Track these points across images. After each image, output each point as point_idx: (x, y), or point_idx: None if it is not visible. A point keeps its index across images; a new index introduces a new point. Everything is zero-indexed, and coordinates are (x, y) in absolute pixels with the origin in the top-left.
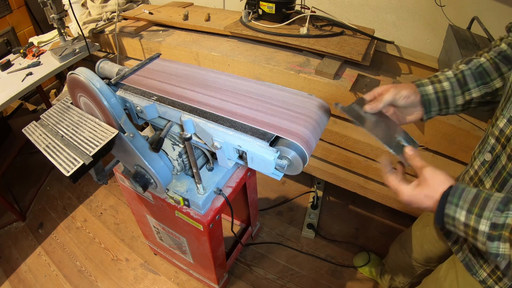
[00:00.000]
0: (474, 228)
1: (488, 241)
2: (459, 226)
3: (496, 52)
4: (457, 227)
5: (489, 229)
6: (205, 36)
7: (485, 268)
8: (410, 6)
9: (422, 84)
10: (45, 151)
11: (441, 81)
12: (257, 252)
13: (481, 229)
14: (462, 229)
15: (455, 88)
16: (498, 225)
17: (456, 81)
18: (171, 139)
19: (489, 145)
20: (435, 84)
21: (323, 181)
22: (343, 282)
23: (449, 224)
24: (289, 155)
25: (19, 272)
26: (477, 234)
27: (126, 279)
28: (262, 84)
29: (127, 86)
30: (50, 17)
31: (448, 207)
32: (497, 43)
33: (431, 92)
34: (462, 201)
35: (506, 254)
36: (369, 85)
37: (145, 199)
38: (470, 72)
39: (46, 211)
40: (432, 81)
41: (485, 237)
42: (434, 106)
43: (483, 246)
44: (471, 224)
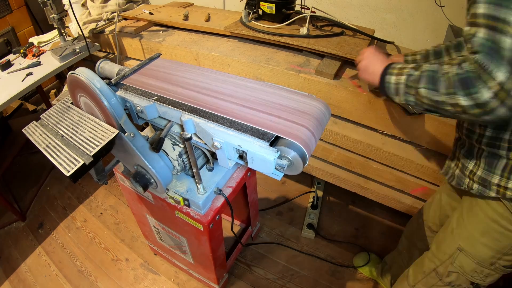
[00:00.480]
0: (403, 68)
1: (410, 69)
2: (394, 70)
3: (451, 42)
4: (392, 73)
5: (414, 66)
6: (205, 36)
7: (466, 173)
8: (410, 6)
9: (406, 54)
10: (45, 151)
11: (415, 54)
12: (257, 252)
13: (408, 66)
14: (396, 72)
15: (421, 60)
16: (412, 75)
17: (424, 54)
18: (171, 139)
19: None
20: (412, 56)
21: (323, 181)
22: (343, 282)
23: (388, 73)
24: (289, 155)
25: (19, 272)
26: (404, 69)
27: (126, 279)
28: (262, 84)
29: (127, 86)
30: (50, 17)
31: (393, 66)
32: None
33: (409, 59)
34: (402, 65)
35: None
36: None
37: (145, 199)
38: (432, 51)
39: (46, 211)
40: (412, 54)
41: (409, 68)
42: None
43: (405, 75)
44: (403, 67)
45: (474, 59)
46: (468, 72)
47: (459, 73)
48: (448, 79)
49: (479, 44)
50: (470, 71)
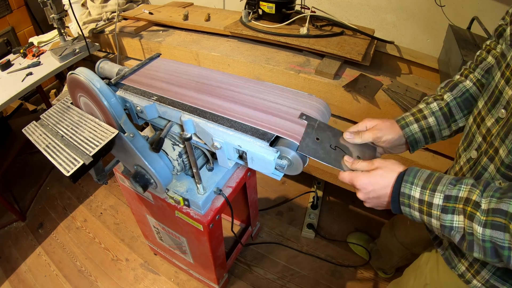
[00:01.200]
0: (428, 203)
1: (442, 214)
2: (414, 203)
3: (483, 70)
4: (412, 206)
5: (443, 201)
6: (205, 36)
7: (463, 262)
8: (410, 6)
9: (407, 124)
10: (45, 151)
11: (426, 116)
12: (257, 252)
13: (435, 202)
14: (417, 207)
15: (441, 122)
16: (451, 197)
17: (441, 115)
18: (171, 139)
19: (476, 143)
20: (421, 122)
21: (323, 181)
22: (343, 282)
23: (405, 204)
24: (289, 155)
25: (19, 272)
26: (432, 208)
27: (126, 279)
28: (262, 84)
29: (127, 86)
30: (50, 17)
31: (404, 185)
32: (483, 56)
33: (417, 131)
34: (417, 179)
35: (460, 226)
36: (369, 86)
37: (145, 199)
38: (455, 103)
39: (46, 211)
40: (417, 119)
41: (439, 210)
42: (420, 143)
43: (437, 221)
44: (425, 199)
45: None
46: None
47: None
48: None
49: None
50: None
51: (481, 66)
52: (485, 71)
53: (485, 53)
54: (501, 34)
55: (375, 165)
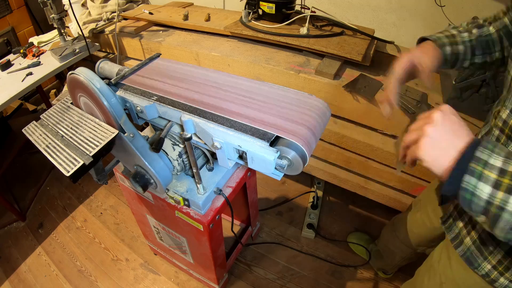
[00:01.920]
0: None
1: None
2: (491, 173)
3: (501, 25)
4: (485, 176)
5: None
6: (205, 36)
7: (490, 259)
8: (410, 6)
9: (444, 44)
10: (45, 151)
11: (457, 43)
12: (257, 252)
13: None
14: (494, 178)
15: (467, 52)
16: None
17: (470, 46)
18: (171, 139)
19: (494, 136)
20: (453, 46)
21: (323, 181)
22: (343, 282)
23: (476, 173)
24: (289, 155)
25: (19, 272)
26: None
27: (126, 279)
28: (262, 84)
29: (127, 86)
30: (50, 17)
31: (481, 150)
32: (500, 15)
33: (448, 53)
34: (498, 149)
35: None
36: (369, 86)
37: (145, 199)
38: (480, 40)
39: (46, 211)
40: (451, 42)
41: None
42: (447, 64)
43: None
44: (510, 170)
45: None
46: None
47: None
48: None
49: None
50: None
51: (501, 21)
52: (503, 26)
53: (502, 14)
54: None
55: (443, 107)
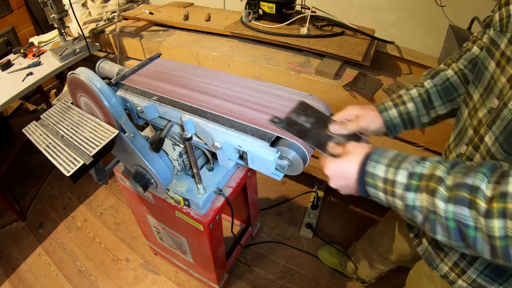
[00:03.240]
0: (392, 181)
1: (405, 192)
2: (379, 183)
3: (466, 60)
4: (377, 186)
5: (407, 179)
6: (205, 36)
7: (446, 261)
8: (410, 6)
9: (386, 109)
10: (46, 151)
11: (405, 102)
12: (257, 252)
13: (399, 180)
14: (382, 186)
15: (420, 108)
16: (415, 174)
17: (420, 101)
18: (171, 139)
19: (467, 137)
20: (399, 107)
21: (324, 182)
22: (343, 282)
23: (370, 184)
24: (289, 155)
25: (19, 272)
26: (395, 187)
27: (126, 279)
28: (262, 84)
29: (127, 86)
30: (51, 17)
31: (368, 163)
32: (468, 46)
33: (395, 116)
34: (382, 158)
35: (423, 206)
36: (368, 83)
37: (145, 199)
38: (435, 90)
39: (46, 211)
40: (396, 104)
41: (402, 188)
42: (399, 128)
43: (401, 201)
44: (389, 177)
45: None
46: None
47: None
48: (488, 241)
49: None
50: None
51: (465, 57)
52: (469, 61)
53: (470, 44)
54: (489, 25)
55: (347, 149)
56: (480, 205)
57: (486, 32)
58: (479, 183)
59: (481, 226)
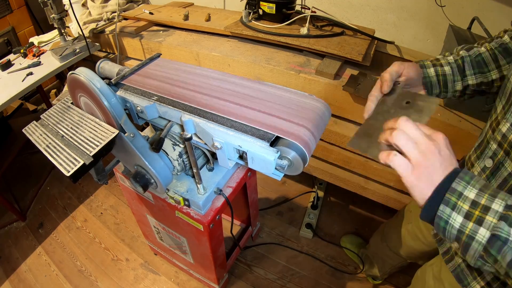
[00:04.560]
0: (485, 207)
1: (500, 222)
2: (464, 205)
3: (497, 44)
4: (459, 207)
5: (504, 209)
6: (205, 36)
7: (479, 280)
8: (410, 6)
9: (425, 66)
10: (46, 151)
11: (442, 65)
12: (257, 252)
13: (494, 207)
14: (466, 209)
15: (455, 73)
16: None
17: (456, 66)
18: (171, 139)
19: (491, 150)
20: (437, 67)
21: (325, 182)
22: (343, 282)
23: (450, 203)
24: (289, 155)
25: (19, 272)
26: (488, 213)
27: (126, 279)
28: (262, 84)
29: (127, 86)
30: (51, 17)
31: (457, 181)
32: (500, 35)
33: (433, 75)
34: (474, 181)
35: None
36: (363, 83)
37: (145, 199)
38: (469, 59)
39: (46, 211)
40: (434, 64)
41: (497, 217)
42: (435, 88)
43: (488, 230)
44: (482, 203)
45: None
46: None
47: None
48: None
49: None
50: None
51: (497, 41)
52: (499, 44)
53: (502, 33)
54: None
55: (439, 136)
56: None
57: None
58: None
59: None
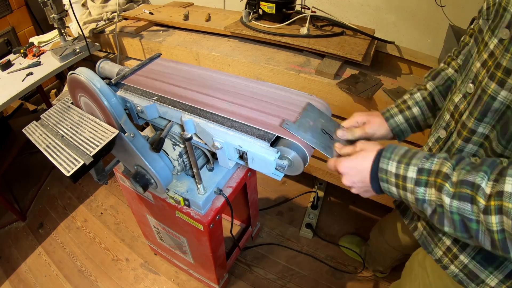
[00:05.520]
0: (403, 177)
1: (415, 187)
2: (391, 178)
3: (464, 55)
4: (389, 181)
5: (416, 174)
6: (205, 36)
7: (440, 246)
8: (410, 6)
9: (391, 116)
10: (46, 151)
11: (410, 107)
12: (257, 252)
13: (409, 175)
14: (394, 181)
15: (425, 112)
16: (424, 170)
17: (425, 104)
18: (171, 139)
19: (444, 121)
20: (405, 112)
21: (324, 182)
22: (343, 282)
23: (383, 180)
24: (289, 155)
25: (19, 272)
26: (406, 182)
27: (126, 279)
28: (263, 84)
29: (127, 86)
30: (51, 17)
31: (382, 161)
32: (466, 40)
33: (402, 122)
34: (394, 154)
35: (431, 199)
36: (362, 82)
37: (145, 199)
38: (437, 91)
39: (47, 211)
40: (401, 110)
41: (413, 183)
42: (406, 132)
43: (412, 194)
44: (400, 173)
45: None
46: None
47: None
48: (488, 234)
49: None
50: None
51: (463, 52)
52: (466, 56)
53: (468, 38)
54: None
55: (358, 147)
56: (480, 202)
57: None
58: (480, 181)
59: (482, 220)
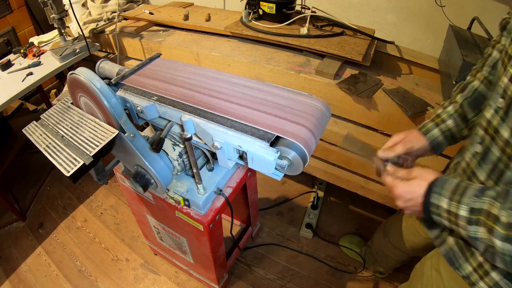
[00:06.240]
0: (455, 214)
1: (467, 225)
2: (443, 213)
3: (489, 67)
4: (441, 215)
5: (468, 213)
6: (205, 36)
7: (471, 261)
8: (410, 6)
9: (428, 130)
10: (46, 151)
11: (444, 120)
12: (257, 252)
13: (461, 214)
14: (446, 216)
15: (459, 123)
16: (475, 210)
17: (458, 116)
18: (171, 139)
19: (478, 136)
20: (440, 126)
21: (324, 182)
22: (343, 282)
23: (435, 213)
24: (289, 155)
25: (19, 272)
26: (458, 219)
27: (126, 279)
28: (262, 84)
29: (127, 86)
30: (51, 17)
31: (432, 196)
32: (489, 52)
33: (438, 135)
34: (444, 190)
35: (483, 237)
36: (362, 82)
37: (145, 199)
38: (466, 103)
39: (46, 211)
40: (437, 123)
41: (465, 221)
42: (443, 145)
43: (465, 231)
44: (452, 210)
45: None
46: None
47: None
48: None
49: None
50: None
51: (487, 63)
52: (491, 67)
53: (491, 49)
54: (505, 27)
55: (413, 174)
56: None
57: (503, 34)
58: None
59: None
